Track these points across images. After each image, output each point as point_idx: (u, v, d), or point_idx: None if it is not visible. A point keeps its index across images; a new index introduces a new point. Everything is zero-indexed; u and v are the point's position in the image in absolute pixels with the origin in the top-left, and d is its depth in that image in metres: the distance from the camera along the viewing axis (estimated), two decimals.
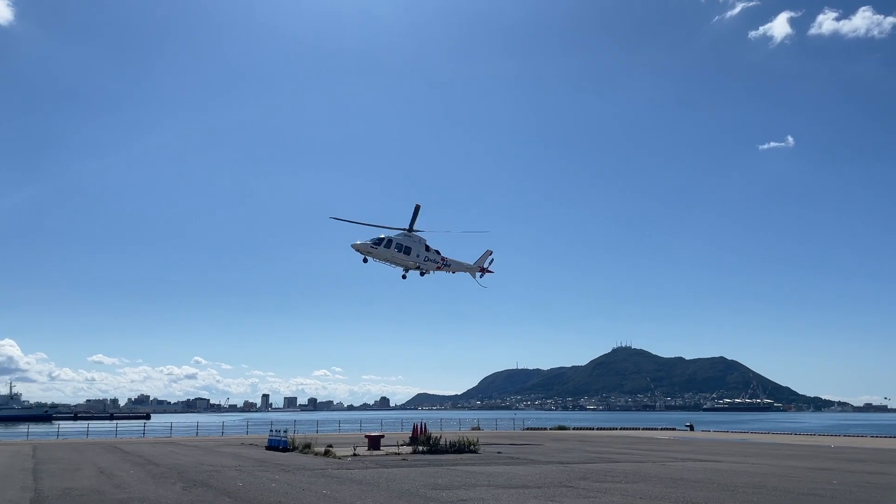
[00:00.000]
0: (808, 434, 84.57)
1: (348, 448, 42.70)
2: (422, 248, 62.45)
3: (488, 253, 68.84)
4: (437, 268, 64.52)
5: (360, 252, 59.12)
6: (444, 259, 64.62)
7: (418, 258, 61.96)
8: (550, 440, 59.80)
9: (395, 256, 60.61)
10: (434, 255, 63.59)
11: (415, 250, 61.71)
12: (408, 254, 61.13)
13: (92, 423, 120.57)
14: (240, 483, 25.87)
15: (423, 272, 63.55)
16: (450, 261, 65.56)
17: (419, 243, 62.34)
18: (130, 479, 27.43)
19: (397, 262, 61.27)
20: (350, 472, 30.21)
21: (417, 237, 62.23)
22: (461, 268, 67.53)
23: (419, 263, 62.22)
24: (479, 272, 68.71)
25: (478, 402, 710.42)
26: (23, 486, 25.41)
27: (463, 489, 23.96)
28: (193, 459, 37.93)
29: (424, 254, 62.53)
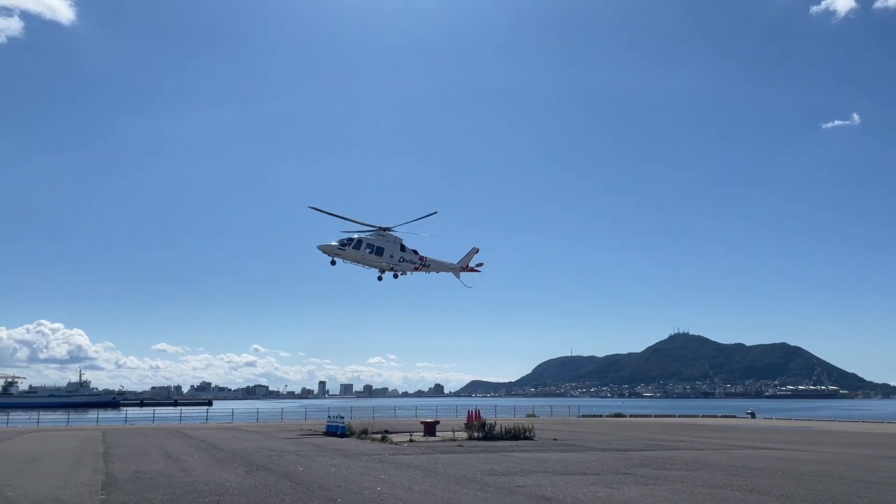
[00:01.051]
0: (876, 421, 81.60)
1: (404, 434, 43.13)
2: (396, 248, 59.22)
3: (474, 251, 65.33)
4: (414, 268, 61.27)
5: (327, 254, 56.25)
6: (422, 259, 61.43)
7: (392, 259, 58.85)
8: (607, 427, 59.24)
9: (366, 258, 57.67)
10: (410, 256, 60.31)
11: (388, 251, 58.57)
12: (380, 255, 58.11)
13: (157, 409, 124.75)
14: (300, 467, 26.40)
15: (396, 274, 60.41)
16: (429, 261, 62.27)
17: (393, 243, 59.13)
18: (196, 463, 28.28)
19: (369, 263, 58.31)
20: (407, 457, 30.51)
21: (392, 236, 59.22)
22: (442, 267, 64.12)
23: (393, 265, 59.12)
24: (465, 271, 64.87)
25: (532, 390, 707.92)
26: (94, 469, 26.44)
27: (520, 475, 23.94)
28: (255, 444, 38.87)
29: (399, 254, 59.38)
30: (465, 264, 64.64)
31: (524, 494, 19.49)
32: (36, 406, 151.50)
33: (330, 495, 19.20)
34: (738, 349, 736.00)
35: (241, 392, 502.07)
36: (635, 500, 18.50)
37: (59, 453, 33.59)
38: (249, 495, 19.27)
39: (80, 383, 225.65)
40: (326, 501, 18.14)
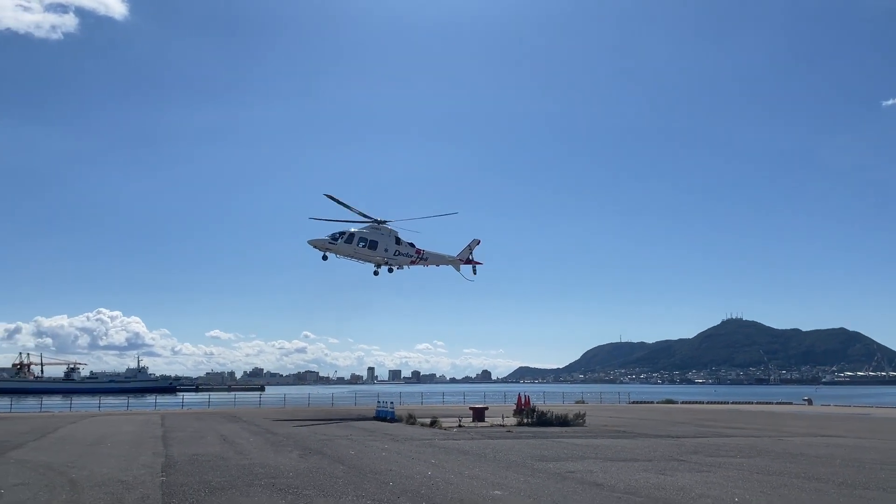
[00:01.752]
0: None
1: (453, 419, 43.33)
2: (391, 241, 57.62)
3: (475, 242, 62.97)
4: (411, 262, 59.56)
5: (318, 248, 55.06)
6: (419, 252, 59.68)
7: (387, 253, 57.23)
8: (658, 414, 58.49)
9: (359, 252, 56.30)
10: (406, 249, 58.68)
11: (382, 244, 56.97)
12: (374, 248, 56.58)
13: (212, 394, 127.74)
14: (352, 451, 26.76)
15: (391, 268, 58.74)
16: (427, 254, 60.46)
17: (388, 236, 57.57)
18: (251, 447, 28.92)
19: (362, 257, 56.91)
20: (456, 442, 30.65)
21: (387, 229, 57.66)
22: (441, 261, 61.97)
23: (387, 258, 57.54)
24: (465, 264, 62.49)
25: (580, 376, 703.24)
26: (154, 451, 27.25)
27: (570, 461, 23.82)
28: (307, 429, 39.53)
29: (394, 247, 57.75)
30: (465, 257, 62.39)
31: (575, 480, 19.39)
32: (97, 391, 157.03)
33: (382, 479, 19.42)
34: (794, 335, 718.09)
35: (292, 378, 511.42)
36: (689, 487, 18.23)
37: (120, 437, 34.73)
38: (303, 478, 19.63)
39: (138, 369, 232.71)
40: (379, 485, 18.35)
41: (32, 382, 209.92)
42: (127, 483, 18.82)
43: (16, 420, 50.29)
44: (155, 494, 16.99)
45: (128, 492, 17.37)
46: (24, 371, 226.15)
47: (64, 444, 30.33)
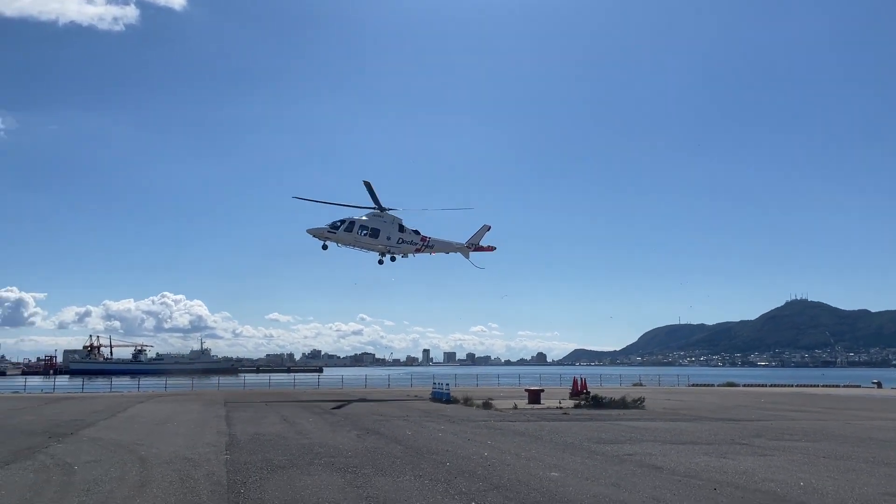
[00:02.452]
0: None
1: (509, 401, 43.33)
2: (394, 228, 56.30)
3: (485, 228, 60.48)
4: (416, 250, 57.98)
5: (317, 238, 54.48)
6: (425, 239, 58.10)
7: (389, 241, 56.05)
8: (718, 397, 57.31)
9: (360, 240, 55.44)
10: (411, 237, 57.21)
11: (384, 232, 55.74)
12: (375, 236, 55.57)
13: (272, 375, 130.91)
14: (408, 432, 27.04)
15: (393, 256, 57.45)
16: (433, 241, 58.80)
17: (390, 224, 56.22)
18: (310, 427, 29.51)
19: (364, 246, 56.04)
20: (512, 424, 30.66)
21: (390, 217, 56.35)
22: (449, 248, 60.00)
23: (390, 247, 56.36)
24: (475, 251, 60.28)
25: (638, 359, 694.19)
26: (218, 430, 28.07)
27: (628, 444, 23.56)
28: (364, 409, 40.14)
29: (398, 235, 56.36)
30: (474, 244, 60.22)
31: (634, 462, 19.18)
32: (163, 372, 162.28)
33: (439, 459, 19.56)
34: (863, 315, 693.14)
35: (349, 359, 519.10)
36: (752, 471, 17.82)
37: (185, 416, 35.88)
38: (362, 457, 19.93)
39: (201, 351, 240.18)
40: (436, 465, 18.50)
41: (102, 364, 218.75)
42: (193, 461, 19.43)
43: (87, 400, 52.48)
44: (220, 472, 17.49)
45: (194, 469, 17.93)
46: (94, 353, 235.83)
47: (133, 423, 31.51)
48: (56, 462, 19.10)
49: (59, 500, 13.87)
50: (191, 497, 14.32)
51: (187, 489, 15.18)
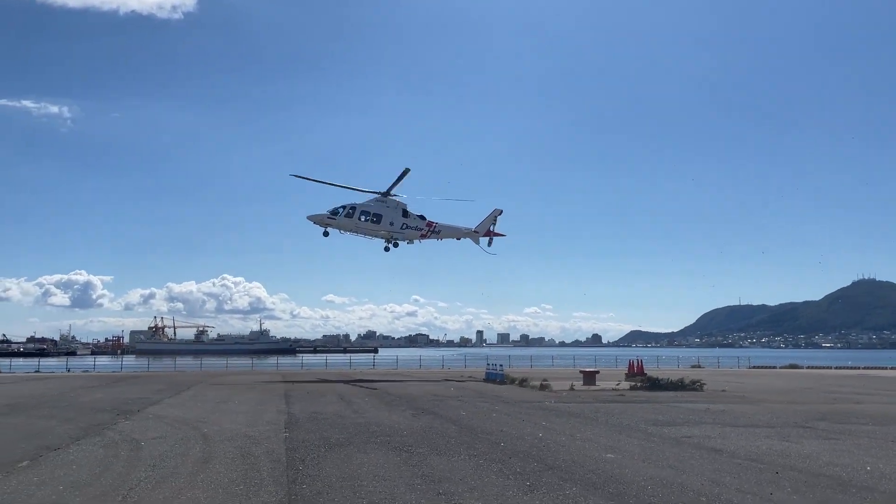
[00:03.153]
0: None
1: (563, 382, 43.09)
2: (397, 214, 54.68)
3: (496, 212, 58.17)
4: (422, 236, 56.03)
5: (318, 224, 53.48)
6: (430, 225, 56.11)
7: (392, 226, 54.34)
8: (781, 379, 55.82)
9: (361, 226, 53.93)
10: (416, 222, 55.41)
11: (387, 217, 54.17)
12: (378, 222, 53.98)
13: (328, 355, 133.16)
14: (463, 412, 27.16)
15: (396, 242, 55.62)
16: (440, 227, 56.73)
17: (394, 209, 54.64)
18: (366, 406, 29.93)
19: (366, 232, 54.57)
20: (567, 405, 30.48)
21: (394, 202, 54.78)
22: (457, 233, 57.83)
23: (393, 232, 54.66)
24: (485, 237, 57.67)
25: (696, 340, 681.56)
26: (277, 409, 28.71)
27: (686, 426, 23.16)
28: (419, 389, 40.49)
29: (401, 220, 54.67)
30: (485, 229, 57.92)
31: (692, 445, 18.84)
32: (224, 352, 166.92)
33: (493, 439, 19.59)
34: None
35: (403, 340, 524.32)
36: (816, 455, 17.30)
37: (245, 395, 36.81)
38: (417, 436, 20.11)
39: (260, 332, 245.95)
40: (490, 445, 18.53)
41: (166, 344, 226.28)
42: (253, 438, 19.92)
43: (153, 378, 54.35)
44: (279, 449, 17.89)
45: (255, 446, 18.38)
46: (159, 333, 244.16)
47: (196, 402, 32.50)
48: (124, 438, 19.84)
49: (126, 475, 14.39)
50: (251, 473, 14.68)
51: (248, 465, 15.57)
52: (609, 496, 12.59)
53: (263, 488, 13.17)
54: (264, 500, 12.26)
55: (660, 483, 13.74)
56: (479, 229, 57.63)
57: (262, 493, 12.73)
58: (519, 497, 12.50)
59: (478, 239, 57.75)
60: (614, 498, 12.45)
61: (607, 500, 12.26)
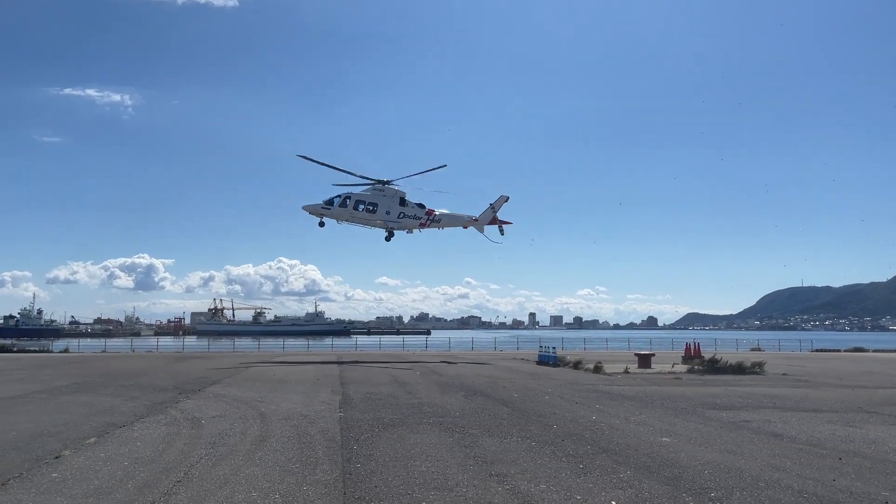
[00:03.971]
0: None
1: (617, 365, 42.60)
2: (394, 203, 53.70)
3: (503, 199, 55.50)
4: (420, 225, 54.62)
5: (313, 214, 52.97)
6: (430, 214, 54.58)
7: (388, 215, 53.46)
8: (845, 363, 54.02)
9: (356, 216, 53.25)
10: (414, 210, 54.10)
11: (382, 206, 53.31)
12: (373, 211, 53.21)
13: (382, 337, 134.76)
14: (515, 394, 27.12)
15: (393, 232, 54.61)
16: (440, 215, 55.03)
17: (391, 198, 53.70)
18: (419, 387, 30.16)
19: (362, 222, 53.90)
20: (621, 388, 30.14)
21: (391, 190, 53.93)
22: (458, 222, 55.88)
23: (389, 222, 53.71)
24: (491, 225, 55.34)
25: (756, 323, 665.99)
26: (332, 389, 29.17)
27: (745, 410, 22.64)
28: (471, 371, 40.60)
29: (398, 209, 53.66)
30: (489, 217, 55.56)
31: (751, 430, 18.40)
32: (280, 333, 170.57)
33: (546, 422, 19.51)
34: None
35: (455, 322, 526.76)
36: (882, 441, 16.70)
37: (301, 375, 37.53)
38: (469, 417, 20.17)
39: (316, 313, 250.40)
40: (543, 427, 18.46)
41: (225, 325, 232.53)
42: (309, 417, 20.30)
43: (213, 359, 55.87)
44: (334, 428, 18.18)
45: (310, 425, 18.72)
46: (218, 315, 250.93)
47: (254, 381, 33.28)
48: (185, 416, 20.46)
49: (188, 452, 14.84)
50: (307, 451, 14.97)
51: (304, 444, 15.88)
52: (664, 480, 12.41)
53: (319, 467, 13.41)
54: (319, 478, 12.48)
55: (717, 467, 13.48)
56: (482, 217, 55.67)
57: (318, 472, 12.97)
58: (572, 479, 12.42)
59: (482, 228, 55.75)
60: (670, 482, 12.27)
61: (662, 485, 12.08)
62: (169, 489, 11.57)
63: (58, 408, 22.51)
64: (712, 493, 11.58)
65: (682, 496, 11.33)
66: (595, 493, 11.51)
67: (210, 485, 11.90)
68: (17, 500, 10.82)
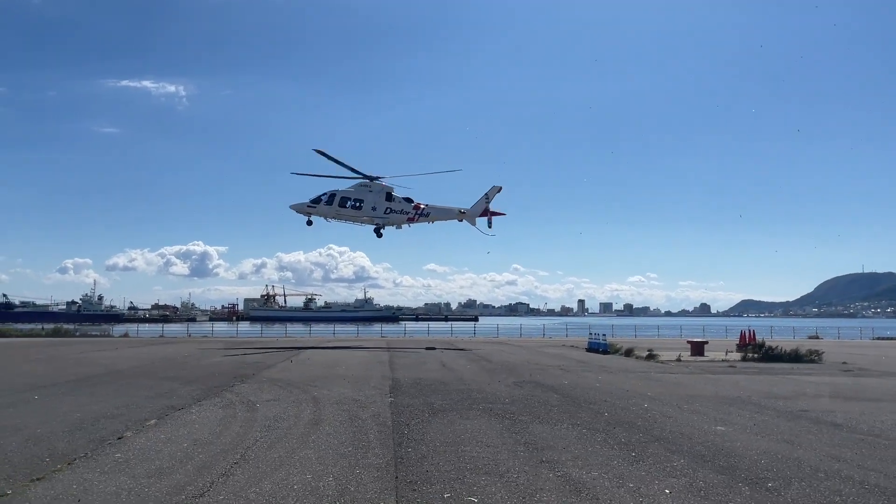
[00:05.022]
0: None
1: (670, 353, 41.98)
2: (380, 198, 53.10)
3: (495, 190, 54.51)
4: (409, 220, 53.84)
5: (299, 213, 53.07)
6: (418, 208, 53.68)
7: (375, 211, 52.91)
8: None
9: (342, 213, 52.97)
10: (401, 205, 53.44)
11: (368, 202, 52.79)
12: (359, 208, 52.75)
13: (430, 323, 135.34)
14: (565, 381, 26.98)
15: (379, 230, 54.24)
16: (429, 209, 54.05)
17: (377, 193, 53.11)
18: (468, 373, 30.25)
19: (348, 218, 53.55)
20: (674, 376, 29.71)
21: (378, 186, 53.30)
22: (448, 215, 54.60)
23: (376, 218, 53.19)
24: (483, 217, 54.08)
25: (814, 310, 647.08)
26: (382, 375, 29.48)
27: (803, 399, 22.08)
28: (520, 358, 40.53)
29: (385, 205, 53.06)
30: (480, 209, 54.38)
31: (809, 419, 17.93)
32: (331, 319, 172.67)
33: (596, 409, 19.36)
34: None
35: (503, 309, 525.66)
36: None
37: (352, 361, 38.03)
38: (519, 404, 20.15)
39: (365, 300, 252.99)
40: (593, 414, 18.33)
41: (277, 311, 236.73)
42: (360, 402, 20.57)
43: (266, 344, 57.03)
44: (385, 413, 18.39)
45: (362, 410, 18.97)
46: (270, 301, 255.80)
47: (306, 366, 33.87)
48: (241, 400, 20.95)
49: (244, 434, 15.20)
50: (360, 435, 15.17)
51: (356, 428, 16.10)
52: (719, 469, 12.20)
53: (371, 451, 13.59)
54: (372, 462, 12.65)
55: (774, 457, 13.18)
56: (473, 210, 54.67)
57: (370, 456, 13.14)
58: (624, 467, 12.31)
59: (474, 220, 54.80)
60: (725, 471, 12.05)
61: (717, 474, 11.88)
62: (227, 470, 11.87)
63: (119, 390, 23.29)
64: (769, 483, 11.34)
65: (738, 485, 11.13)
66: (648, 481, 11.39)
67: (266, 466, 12.18)
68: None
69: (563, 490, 10.81)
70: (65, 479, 11.17)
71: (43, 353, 42.97)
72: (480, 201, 54.48)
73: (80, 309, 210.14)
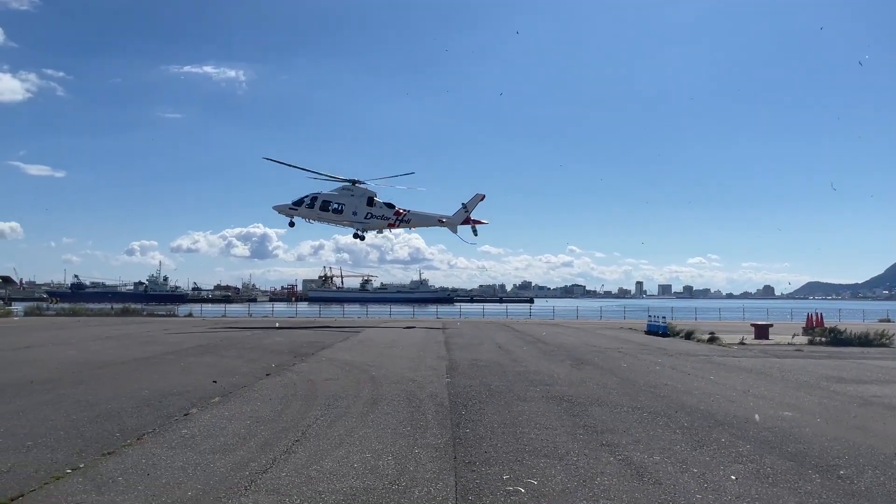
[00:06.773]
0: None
1: (732, 336, 40.96)
2: (361, 203, 52.77)
3: (478, 198, 53.69)
4: (389, 225, 53.74)
5: (282, 214, 53.06)
6: (399, 213, 53.50)
7: (355, 216, 52.77)
8: None
9: (323, 216, 53.01)
10: (382, 210, 53.14)
11: (349, 207, 52.59)
12: (340, 212, 52.72)
13: (485, 305, 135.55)
14: (624, 364, 26.59)
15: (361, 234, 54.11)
16: (410, 215, 53.90)
17: (359, 198, 52.73)
18: (524, 355, 30.12)
19: (329, 221, 53.51)
20: (737, 359, 28.97)
21: (360, 190, 52.94)
22: (429, 221, 54.63)
23: (355, 222, 52.92)
24: (465, 224, 53.55)
25: (884, 292, 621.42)
26: (438, 355, 29.60)
27: (875, 384, 21.23)
28: (577, 340, 40.15)
29: (365, 209, 52.85)
30: (462, 217, 53.96)
31: (882, 405, 17.23)
32: (387, 300, 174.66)
33: (657, 392, 19.00)
34: None
35: (559, 291, 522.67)
36: None
37: (408, 341, 38.32)
38: (577, 387, 19.93)
39: (420, 281, 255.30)
40: (654, 398, 17.99)
41: (335, 292, 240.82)
42: (417, 382, 20.68)
43: (325, 324, 57.91)
44: (442, 393, 18.44)
45: (419, 390, 19.07)
46: (328, 282, 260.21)
47: (363, 346, 34.27)
48: (301, 378, 21.31)
49: (304, 413, 15.44)
50: (417, 415, 15.24)
51: (413, 408, 16.18)
52: (787, 456, 11.80)
53: (429, 430, 13.62)
54: (430, 441, 12.68)
55: (845, 444, 12.69)
56: (453, 218, 54.43)
57: (428, 436, 13.17)
58: (687, 452, 12.03)
59: (455, 228, 54.70)
60: (793, 458, 11.66)
61: (786, 460, 11.50)
62: (288, 447, 12.07)
63: (185, 368, 23.98)
64: (841, 470, 10.92)
65: (808, 473, 10.74)
66: (712, 466, 11.09)
67: (326, 444, 12.33)
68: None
69: (623, 474, 10.62)
70: (134, 454, 11.53)
71: (113, 331, 44.62)
72: (461, 211, 54.62)
73: (146, 289, 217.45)
